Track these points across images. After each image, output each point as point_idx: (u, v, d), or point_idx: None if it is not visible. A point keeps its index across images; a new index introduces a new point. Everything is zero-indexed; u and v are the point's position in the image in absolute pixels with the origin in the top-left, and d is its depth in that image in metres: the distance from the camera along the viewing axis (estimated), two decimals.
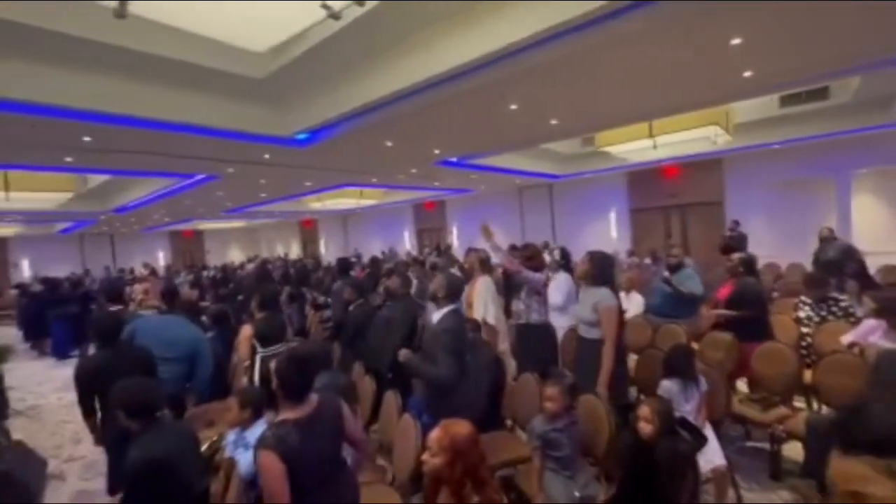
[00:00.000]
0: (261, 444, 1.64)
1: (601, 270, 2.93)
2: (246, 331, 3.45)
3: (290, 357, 1.82)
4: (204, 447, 2.57)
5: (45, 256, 15.39)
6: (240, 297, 7.22)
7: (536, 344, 3.27)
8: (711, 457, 2.34)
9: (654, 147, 7.53)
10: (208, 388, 3.38)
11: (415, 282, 5.42)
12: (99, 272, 14.84)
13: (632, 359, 3.47)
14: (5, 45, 3.44)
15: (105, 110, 4.16)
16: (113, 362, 2.69)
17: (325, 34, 4.02)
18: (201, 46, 4.07)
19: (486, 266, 4.06)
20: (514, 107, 5.06)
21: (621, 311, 2.87)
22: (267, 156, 6.36)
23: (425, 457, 1.48)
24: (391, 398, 2.76)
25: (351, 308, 3.95)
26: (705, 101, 5.70)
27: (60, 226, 14.09)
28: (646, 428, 1.98)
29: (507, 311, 4.27)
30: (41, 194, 8.19)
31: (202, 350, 3.32)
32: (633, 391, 3.43)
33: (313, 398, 1.82)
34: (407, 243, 15.82)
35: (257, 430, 2.15)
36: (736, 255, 3.82)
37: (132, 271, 13.68)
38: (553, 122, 5.90)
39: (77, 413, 2.83)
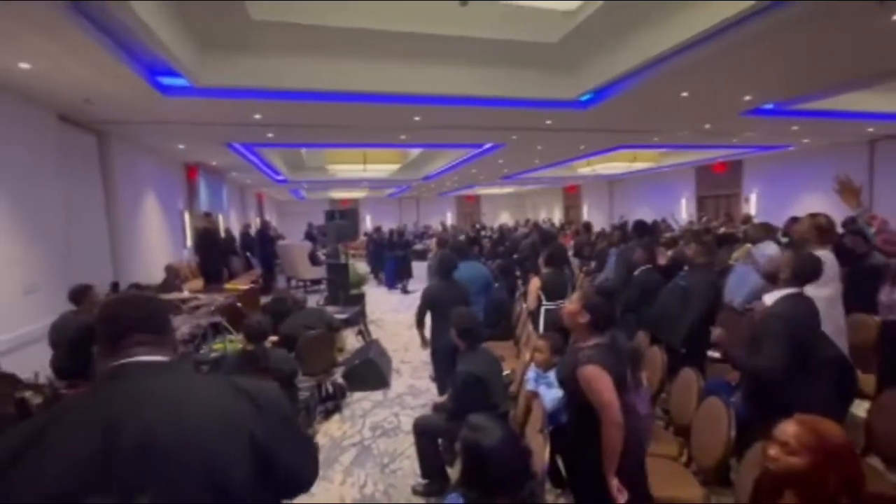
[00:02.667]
0: (587, 360, 1.80)
1: None
2: (535, 283, 3.77)
3: (601, 291, 1.93)
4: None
5: (378, 214, 20.98)
6: (515, 256, 7.96)
7: None
8: None
9: None
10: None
11: None
12: (410, 227, 19.18)
13: None
14: (352, 48, 4.45)
15: (430, 92, 5.11)
16: (445, 291, 3.46)
17: None
18: (506, 19, 4.43)
19: (825, 236, 3.10)
20: None
21: None
22: (549, 121, 6.58)
23: (774, 452, 1.26)
24: (691, 377, 2.51)
25: (636, 272, 3.76)
26: None
27: (388, 191, 18.71)
28: None
29: None
30: (382, 166, 10.98)
31: (493, 286, 3.89)
32: None
33: (609, 333, 1.91)
34: (684, 211, 13.87)
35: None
36: None
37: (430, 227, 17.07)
38: None
39: (404, 329, 3.78)
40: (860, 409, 2.47)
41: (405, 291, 9.85)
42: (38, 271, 4.47)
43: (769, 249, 3.75)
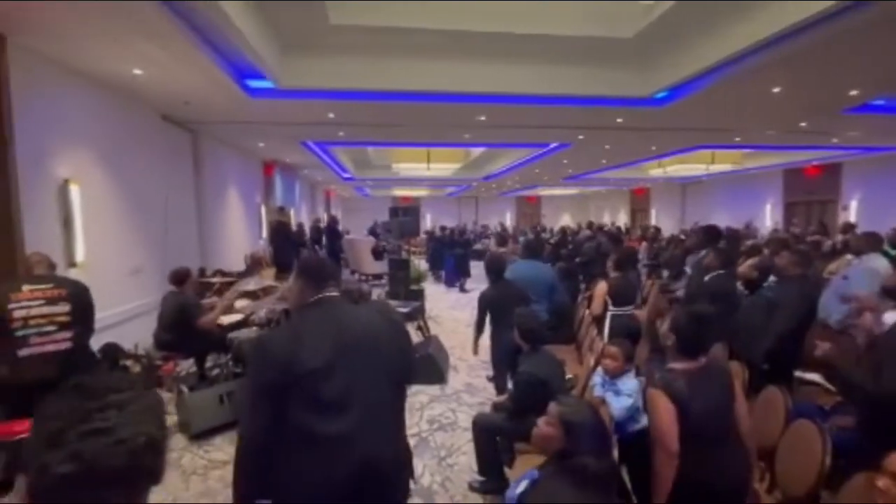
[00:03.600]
0: (654, 384, 1.74)
1: None
2: (601, 288, 3.65)
3: (691, 313, 1.81)
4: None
5: (438, 212, 21.26)
6: (578, 260, 7.72)
7: None
8: None
9: None
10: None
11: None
12: (469, 227, 19.22)
13: None
14: (422, 49, 4.50)
15: (497, 91, 5.09)
16: (500, 293, 3.43)
17: None
18: (579, 15, 4.31)
19: None
20: None
21: None
22: (619, 119, 6.32)
23: (884, 484, 1.14)
24: (777, 396, 2.30)
25: (707, 278, 3.50)
26: None
27: (448, 190, 18.89)
28: None
29: None
30: (444, 165, 11.10)
31: (557, 288, 3.81)
32: None
33: (702, 358, 1.79)
34: (768, 218, 12.72)
35: (627, 380, 2.25)
36: None
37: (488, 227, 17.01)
38: None
39: (462, 327, 3.78)
40: None
41: (463, 290, 9.90)
42: (141, 255, 5.02)
43: (876, 262, 3.35)
